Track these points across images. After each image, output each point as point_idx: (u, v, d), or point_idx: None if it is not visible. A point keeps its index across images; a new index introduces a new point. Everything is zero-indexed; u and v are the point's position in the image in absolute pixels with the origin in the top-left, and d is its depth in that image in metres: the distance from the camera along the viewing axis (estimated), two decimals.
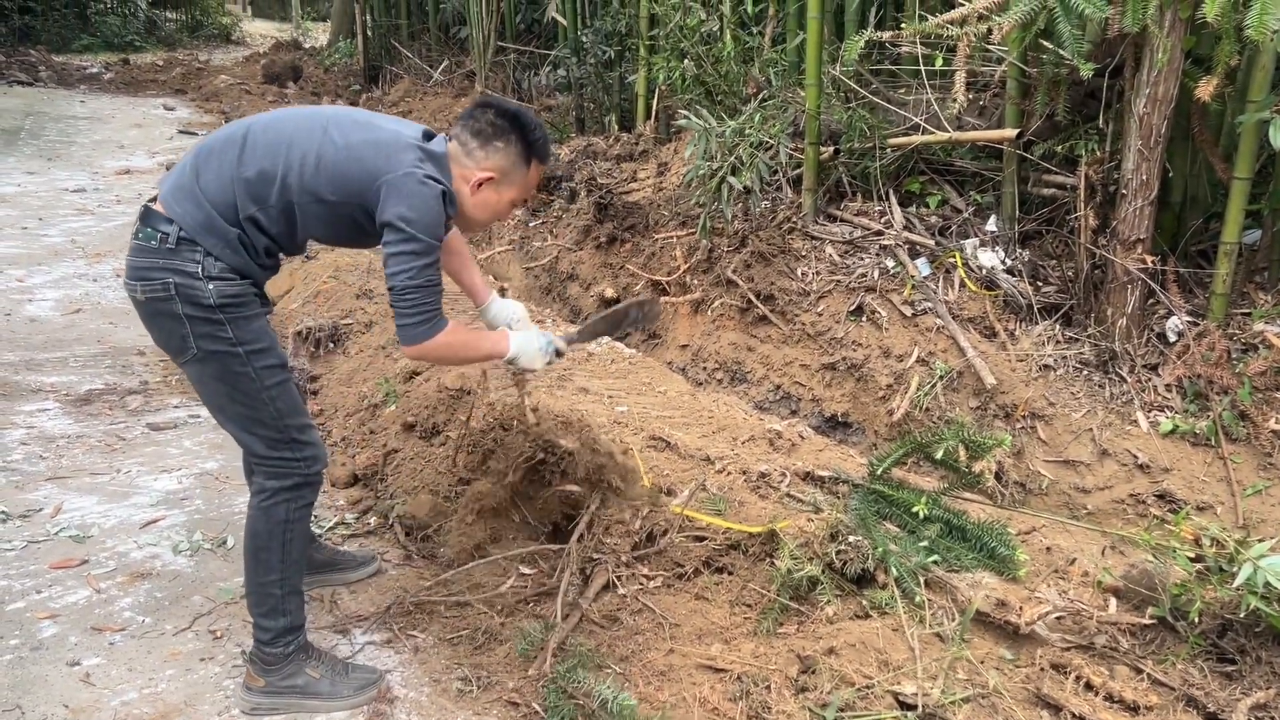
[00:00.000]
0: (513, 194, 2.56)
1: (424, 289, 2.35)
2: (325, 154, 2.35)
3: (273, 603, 2.50)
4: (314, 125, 2.41)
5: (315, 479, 2.53)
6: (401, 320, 2.37)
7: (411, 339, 2.39)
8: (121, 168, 9.53)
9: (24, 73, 14.32)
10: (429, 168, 2.38)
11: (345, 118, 2.46)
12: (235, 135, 2.40)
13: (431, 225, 2.34)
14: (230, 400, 2.41)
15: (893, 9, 5.90)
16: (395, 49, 13.43)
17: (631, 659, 2.65)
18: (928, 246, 4.89)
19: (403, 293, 2.34)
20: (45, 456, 3.85)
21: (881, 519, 3.10)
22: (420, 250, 2.32)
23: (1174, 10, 3.78)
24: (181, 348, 2.37)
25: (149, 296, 2.33)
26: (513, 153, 2.50)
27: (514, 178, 2.53)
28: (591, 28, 8.28)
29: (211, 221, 2.31)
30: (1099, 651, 2.68)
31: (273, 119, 2.46)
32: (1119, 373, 4.23)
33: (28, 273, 6.26)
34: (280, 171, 2.34)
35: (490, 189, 2.52)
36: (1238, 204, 3.99)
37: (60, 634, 2.76)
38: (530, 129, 2.50)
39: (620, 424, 3.84)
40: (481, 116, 2.49)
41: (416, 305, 2.35)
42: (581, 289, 6.21)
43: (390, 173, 2.33)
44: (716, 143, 5.03)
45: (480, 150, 2.48)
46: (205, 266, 2.30)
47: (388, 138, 2.40)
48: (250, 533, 2.50)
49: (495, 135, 2.48)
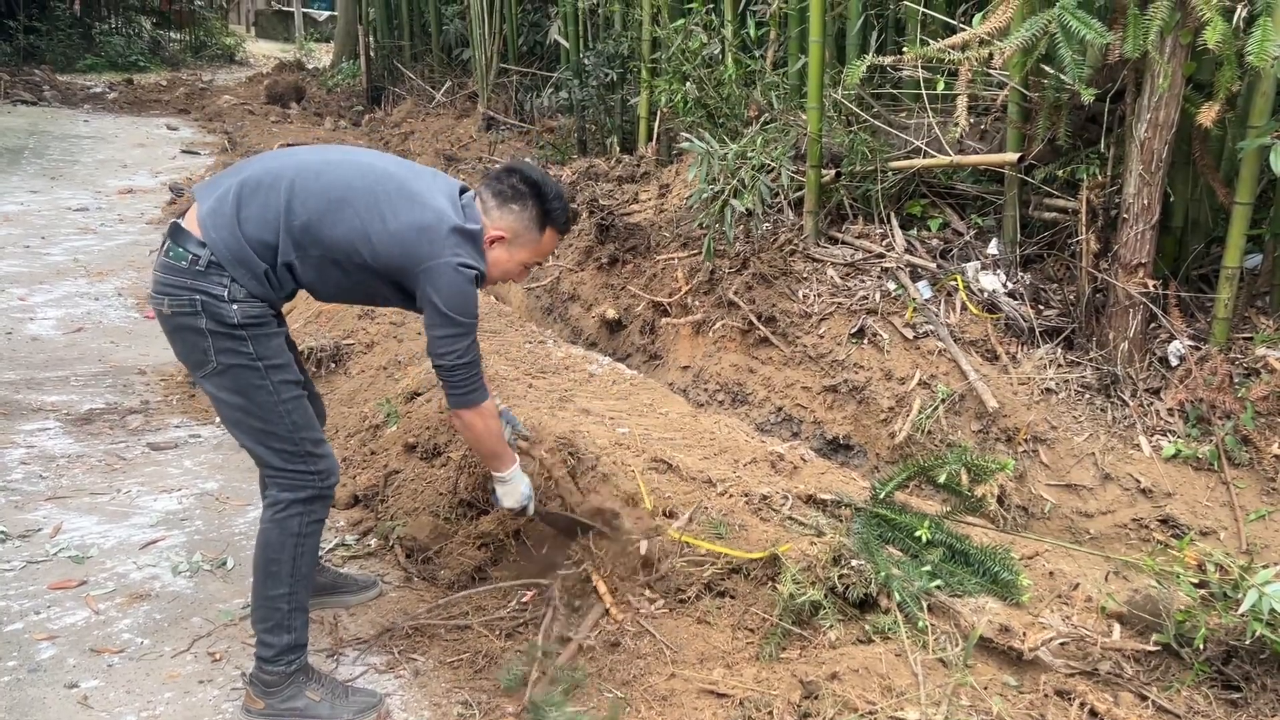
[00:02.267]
0: (524, 256, 2.68)
1: (469, 365, 2.54)
2: (373, 231, 2.44)
3: (278, 618, 2.50)
4: (368, 190, 2.48)
5: (328, 492, 2.57)
6: (452, 391, 2.56)
7: (462, 404, 2.58)
8: (124, 187, 9.56)
9: (28, 92, 14.41)
10: (466, 253, 2.49)
11: (394, 188, 2.51)
12: (283, 175, 2.45)
13: (467, 307, 2.50)
14: (246, 413, 2.45)
15: (894, 33, 5.93)
16: (398, 70, 13.51)
17: (633, 684, 2.64)
18: (929, 269, 4.90)
19: (452, 370, 2.52)
20: (45, 476, 3.84)
21: (884, 543, 3.09)
22: (463, 332, 2.50)
23: (1175, 36, 3.80)
24: (202, 361, 2.41)
25: (175, 311, 2.38)
26: (527, 217, 2.62)
27: (525, 240, 2.65)
28: (594, 50, 8.33)
29: (245, 256, 2.38)
30: (1103, 678, 2.66)
31: (323, 165, 2.52)
32: (1121, 396, 4.22)
33: (30, 291, 6.26)
34: (327, 231, 2.43)
35: (501, 248, 2.64)
36: (1239, 229, 4.00)
37: (59, 655, 2.74)
38: (548, 198, 2.63)
39: (621, 446, 3.83)
40: (505, 179, 2.63)
41: (466, 380, 2.55)
42: (583, 310, 6.21)
43: (432, 260, 2.44)
44: (719, 165, 5.04)
45: (497, 210, 2.61)
46: (231, 291, 2.37)
47: (432, 220, 2.47)
48: (262, 544, 2.52)
49: (513, 199, 2.61)
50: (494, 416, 2.69)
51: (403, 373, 4.52)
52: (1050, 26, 3.67)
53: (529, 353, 4.94)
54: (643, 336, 5.70)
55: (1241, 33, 3.53)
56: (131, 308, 6.14)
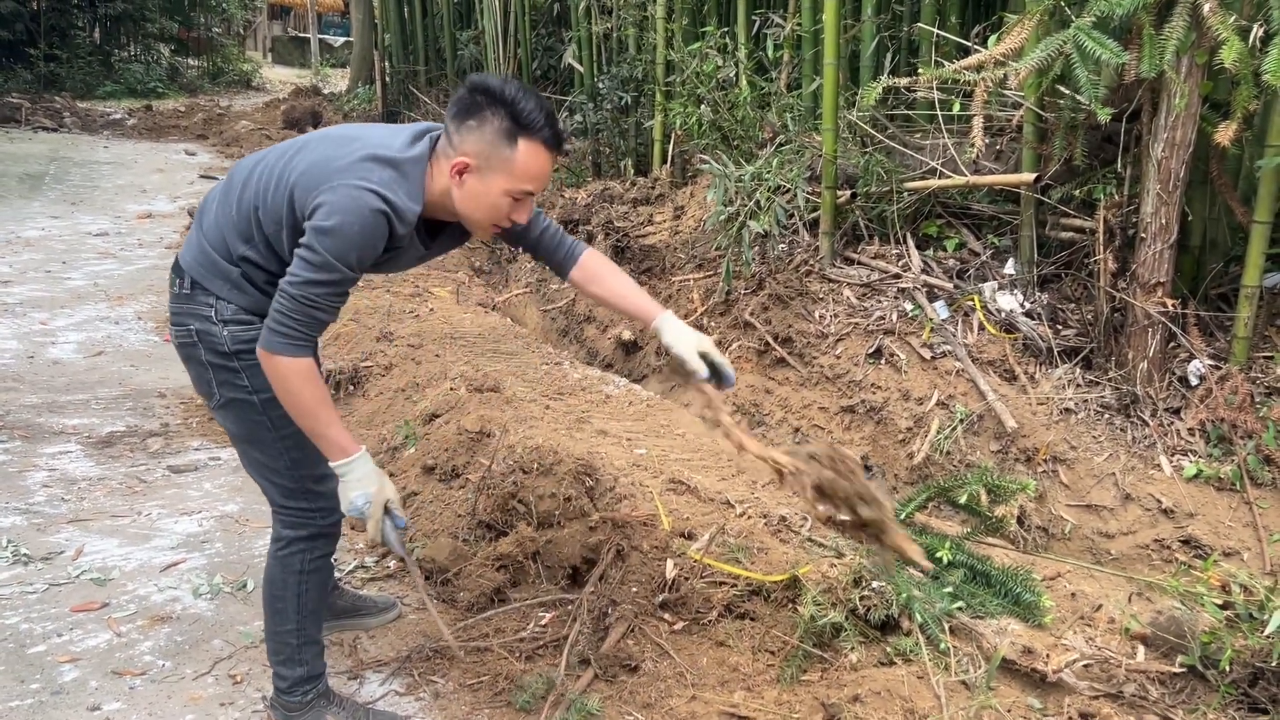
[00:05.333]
0: (502, 182, 2.17)
1: (301, 305, 2.09)
2: (286, 172, 2.17)
3: (289, 652, 2.49)
4: (292, 143, 2.26)
5: (330, 530, 2.51)
6: (266, 321, 2.12)
7: (267, 344, 2.12)
8: (144, 211, 9.66)
9: (49, 119, 14.58)
10: (380, 175, 2.09)
11: (322, 137, 2.25)
12: (231, 176, 2.33)
13: (344, 247, 2.07)
14: (249, 447, 2.42)
15: (908, 55, 5.95)
16: (413, 94, 13.62)
17: (654, 706, 2.63)
18: (946, 289, 4.90)
19: (279, 297, 2.10)
20: (67, 499, 3.87)
21: (905, 564, 3.07)
22: (318, 264, 2.07)
23: (1191, 56, 3.80)
24: (209, 393, 2.38)
25: (180, 342, 2.36)
26: (490, 130, 2.12)
27: (496, 162, 2.15)
28: (608, 74, 8.39)
29: (214, 264, 2.27)
30: (1128, 700, 2.64)
31: (261, 154, 2.31)
32: (1141, 416, 4.20)
33: (51, 315, 6.32)
34: (255, 203, 2.21)
35: (472, 178, 2.17)
36: (1258, 248, 3.99)
37: (81, 678, 2.75)
38: (512, 100, 2.11)
39: (639, 467, 3.83)
40: (461, 99, 2.16)
41: (283, 314, 2.09)
42: (598, 331, 6.23)
43: (331, 181, 2.09)
44: (735, 187, 5.06)
45: (456, 135, 2.16)
46: (219, 310, 2.27)
47: (350, 148, 2.14)
48: (266, 581, 2.50)
49: (469, 113, 2.14)
50: (311, 379, 2.15)
51: (421, 395, 4.54)
52: (1065, 47, 3.68)
53: (546, 374, 4.95)
54: (658, 358, 5.71)
55: (1258, 52, 3.53)
56: (151, 331, 6.19)
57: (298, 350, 2.11)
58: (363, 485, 2.22)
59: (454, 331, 5.42)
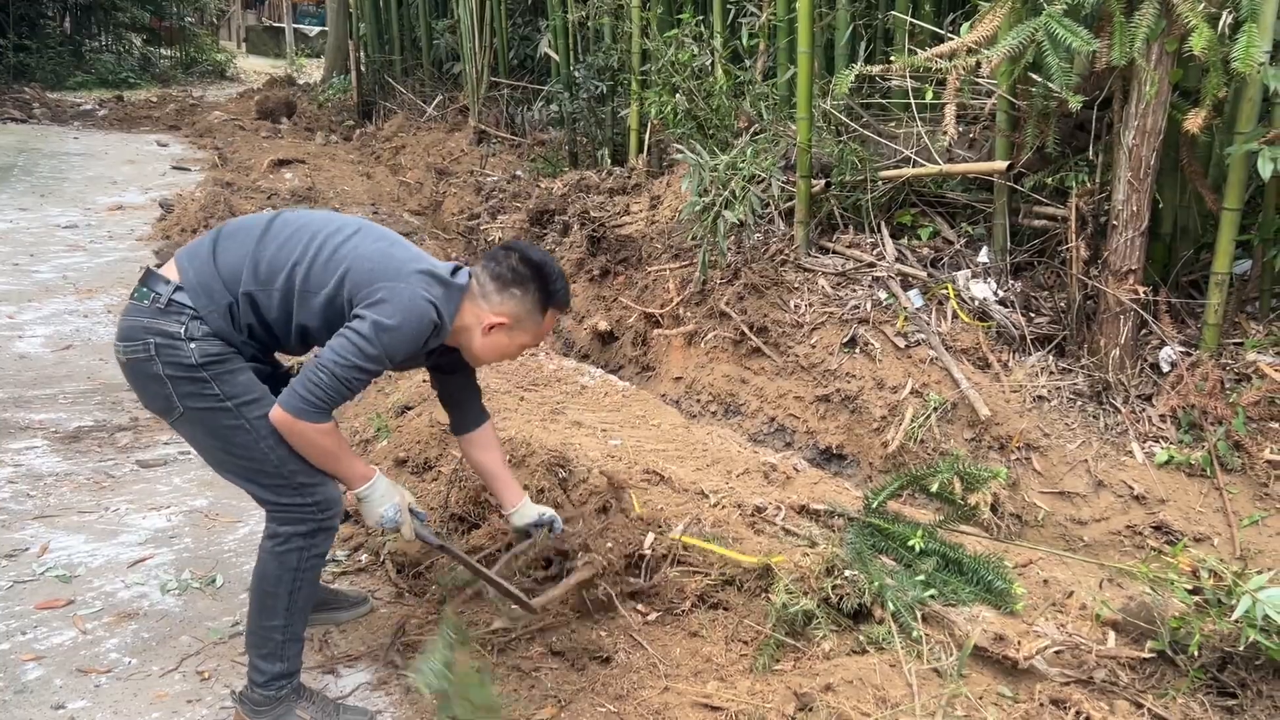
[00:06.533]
0: (524, 339, 2.55)
1: (340, 384, 2.25)
2: (341, 250, 2.36)
3: (272, 647, 2.46)
4: (344, 225, 2.45)
5: (329, 524, 2.47)
6: (297, 387, 2.25)
7: (290, 408, 2.25)
8: (114, 204, 9.54)
9: (18, 109, 14.39)
10: (435, 290, 2.35)
11: (375, 230, 2.48)
12: (262, 218, 2.45)
13: (395, 343, 2.27)
14: (227, 454, 2.38)
15: (882, 43, 5.95)
16: (389, 85, 13.53)
17: (626, 698, 2.62)
18: (920, 278, 4.90)
19: (320, 369, 2.24)
20: (33, 495, 3.81)
21: (877, 553, 3.08)
22: (369, 354, 2.25)
23: (1161, 44, 3.81)
24: (167, 408, 2.35)
25: (130, 358, 2.32)
26: (530, 301, 2.49)
27: (527, 325, 2.52)
28: (584, 63, 8.35)
29: (211, 284, 2.32)
30: (1098, 686, 2.65)
31: (306, 213, 2.51)
32: (1113, 403, 4.22)
33: (18, 309, 6.24)
34: (295, 257, 2.35)
35: (501, 333, 2.51)
36: (1228, 235, 4.01)
37: (45, 676, 2.71)
38: (550, 279, 2.50)
39: (614, 458, 3.82)
40: (504, 260, 2.49)
41: (321, 388, 2.24)
42: (574, 322, 6.21)
43: (391, 281, 2.30)
44: (710, 176, 5.04)
45: (497, 295, 2.47)
46: (189, 328, 2.29)
47: (405, 255, 2.40)
48: (259, 575, 2.45)
49: (514, 282, 2.47)
50: (334, 434, 2.35)
51: (393, 386, 4.50)
52: (1037, 35, 3.68)
53: (520, 365, 4.93)
54: (635, 348, 5.69)
55: (1227, 39, 3.55)
56: None
57: (324, 417, 2.30)
58: (386, 500, 2.47)
59: None
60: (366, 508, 2.47)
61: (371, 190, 9.93)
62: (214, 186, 9.03)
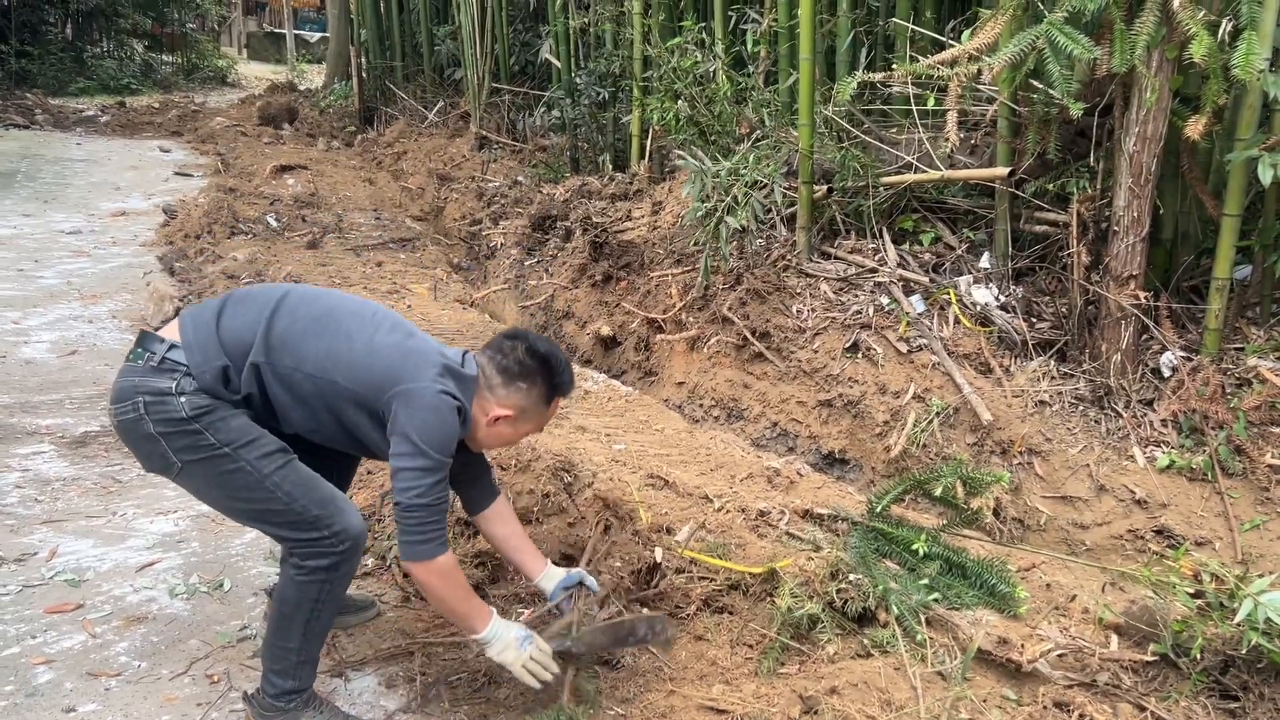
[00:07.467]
0: (528, 428, 2.55)
1: (430, 508, 2.29)
2: (357, 343, 2.35)
3: (286, 665, 2.46)
4: (360, 311, 2.45)
5: (350, 554, 2.41)
6: (405, 536, 2.30)
7: (412, 555, 2.32)
8: (117, 209, 9.56)
9: (20, 116, 14.43)
10: (450, 384, 2.35)
11: (391, 317, 2.48)
12: (276, 290, 2.43)
13: (444, 442, 2.30)
14: (233, 499, 2.37)
15: (883, 50, 5.98)
16: (390, 90, 13.56)
17: (632, 701, 2.63)
18: (922, 283, 4.92)
19: (409, 510, 2.28)
20: (41, 499, 3.83)
21: (881, 557, 3.09)
22: (430, 467, 2.28)
23: (1161, 51, 3.84)
24: (165, 465, 2.34)
25: (120, 419, 2.31)
26: (535, 394, 2.46)
27: (532, 415, 2.50)
28: (585, 69, 8.38)
29: (208, 345, 2.30)
30: (1102, 689, 2.67)
31: (320, 290, 2.51)
32: (1114, 408, 4.24)
33: (23, 315, 6.26)
34: (309, 343, 2.34)
35: (506, 424, 2.48)
36: (1228, 240, 4.03)
37: (56, 680, 2.73)
38: (557, 371, 2.47)
39: (618, 462, 3.84)
40: (510, 353, 2.46)
41: (422, 523, 2.29)
42: (577, 327, 6.23)
43: (409, 382, 2.30)
44: (712, 182, 5.07)
45: (503, 388, 2.45)
46: (180, 384, 2.27)
47: (419, 347, 2.39)
48: (279, 598, 2.44)
49: (520, 376, 2.44)
50: (457, 573, 2.40)
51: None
52: (1038, 42, 3.71)
53: None
54: (637, 353, 5.72)
55: (1227, 46, 3.58)
56: (125, 330, 6.13)
57: (443, 546, 2.33)
58: (507, 653, 2.44)
59: (432, 328, 5.40)
60: (494, 652, 2.45)
61: (373, 196, 9.96)
62: (217, 192, 9.06)
